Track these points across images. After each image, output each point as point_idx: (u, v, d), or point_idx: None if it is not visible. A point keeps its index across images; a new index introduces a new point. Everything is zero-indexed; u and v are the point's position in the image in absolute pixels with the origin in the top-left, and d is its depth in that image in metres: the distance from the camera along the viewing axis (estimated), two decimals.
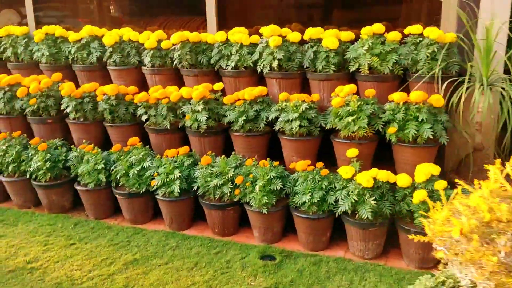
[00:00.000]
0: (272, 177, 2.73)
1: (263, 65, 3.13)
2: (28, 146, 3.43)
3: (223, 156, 3.01)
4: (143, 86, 3.63)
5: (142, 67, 3.55)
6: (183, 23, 4.11)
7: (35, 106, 3.45)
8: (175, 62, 3.38)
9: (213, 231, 3.03)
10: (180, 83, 3.51)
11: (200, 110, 3.01)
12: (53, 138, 3.54)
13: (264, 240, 2.88)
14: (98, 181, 3.19)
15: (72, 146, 3.34)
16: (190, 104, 3.12)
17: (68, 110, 3.35)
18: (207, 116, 3.02)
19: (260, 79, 3.35)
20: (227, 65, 3.27)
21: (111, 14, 4.69)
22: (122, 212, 3.27)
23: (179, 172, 2.93)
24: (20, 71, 3.85)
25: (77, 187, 3.27)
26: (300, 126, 2.80)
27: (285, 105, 2.88)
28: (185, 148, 3.06)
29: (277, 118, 2.95)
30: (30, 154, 3.35)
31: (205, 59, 3.38)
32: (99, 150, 3.24)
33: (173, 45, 3.43)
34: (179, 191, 2.93)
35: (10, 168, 3.36)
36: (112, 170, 3.16)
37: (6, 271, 2.58)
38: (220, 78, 3.40)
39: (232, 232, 3.02)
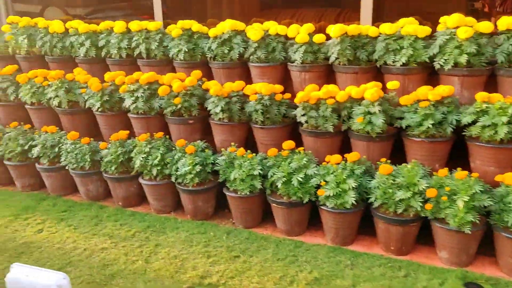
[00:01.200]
0: (477, 191, 2.36)
1: (444, 60, 2.75)
2: (173, 148, 3.30)
3: (406, 164, 2.64)
4: (286, 84, 3.37)
5: (289, 64, 3.29)
6: (318, 15, 3.80)
7: (178, 106, 3.29)
8: (332, 58, 3.07)
9: (386, 248, 2.70)
10: (330, 81, 3.21)
11: (377, 112, 2.68)
12: (192, 140, 3.36)
13: (456, 262, 2.51)
14: (252, 187, 2.97)
15: (223, 150, 3.14)
16: (360, 105, 2.81)
17: (216, 110, 3.13)
18: (383, 118, 2.70)
19: (429, 77, 2.97)
20: (394, 61, 2.91)
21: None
22: (275, 221, 3.02)
23: (353, 182, 2.63)
24: (152, 68, 3.70)
25: (227, 193, 3.05)
26: (508, 132, 2.40)
27: (486, 107, 2.49)
28: (355, 155, 2.74)
29: (473, 122, 2.56)
30: (176, 156, 3.20)
31: (365, 55, 3.04)
32: (255, 154, 3.01)
33: (327, 39, 3.14)
34: (354, 203, 2.65)
35: (154, 171, 3.21)
36: (270, 176, 2.92)
37: (185, 287, 2.42)
38: (382, 75, 3.06)
39: (409, 250, 2.67)
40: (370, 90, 2.69)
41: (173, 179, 3.19)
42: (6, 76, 3.97)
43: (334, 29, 2.98)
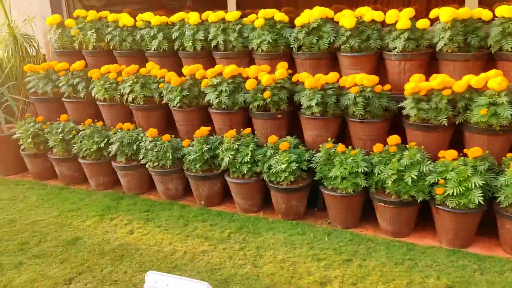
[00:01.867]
0: None
1: None
2: (265, 144, 3.11)
3: None
4: (378, 75, 3.14)
5: (385, 53, 3.07)
6: None
7: (267, 100, 3.11)
8: (439, 44, 2.84)
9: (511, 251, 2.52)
10: (432, 71, 2.97)
11: (504, 103, 2.43)
12: (278, 135, 3.17)
13: None
14: (355, 186, 2.80)
15: (320, 146, 2.94)
16: (481, 96, 2.58)
17: (311, 103, 2.93)
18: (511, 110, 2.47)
19: None
20: None
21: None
22: (378, 221, 2.82)
23: (480, 180, 2.42)
24: (229, 60, 3.51)
25: (326, 192, 2.88)
26: None
27: None
28: (477, 150, 2.51)
29: None
30: (268, 153, 3.03)
31: (476, 40, 2.81)
32: (359, 150, 2.83)
33: (431, 24, 2.91)
34: (481, 202, 2.44)
35: (244, 169, 3.05)
36: (377, 174, 2.70)
37: None
38: (495, 62, 2.81)
39: None
40: (496, 79, 2.45)
41: (265, 177, 3.03)
42: (76, 72, 3.88)
43: (444, 13, 2.73)
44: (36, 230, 2.99)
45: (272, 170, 2.95)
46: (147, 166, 3.41)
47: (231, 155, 3.07)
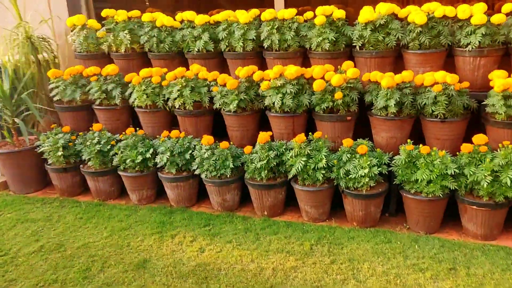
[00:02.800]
0: None
1: None
2: (339, 148, 2.91)
3: None
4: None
5: (456, 49, 2.96)
6: None
7: (338, 101, 2.93)
8: None
9: None
10: (504, 66, 2.90)
11: None
12: (346, 138, 3.03)
13: None
14: (443, 188, 2.66)
15: (402, 147, 2.76)
16: None
17: (390, 103, 2.77)
18: None
19: None
20: None
21: None
22: (464, 224, 2.70)
23: None
24: (283, 61, 3.30)
25: (408, 196, 2.74)
26: None
27: None
28: None
29: None
30: (344, 158, 2.85)
31: None
32: (446, 153, 2.70)
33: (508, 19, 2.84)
34: None
35: (318, 176, 2.84)
36: (469, 175, 2.56)
37: None
38: None
39: None
40: None
41: (341, 183, 2.84)
42: (110, 76, 3.55)
43: None
44: (93, 254, 2.67)
45: (350, 176, 2.79)
46: (203, 176, 3.16)
47: (303, 161, 2.88)
